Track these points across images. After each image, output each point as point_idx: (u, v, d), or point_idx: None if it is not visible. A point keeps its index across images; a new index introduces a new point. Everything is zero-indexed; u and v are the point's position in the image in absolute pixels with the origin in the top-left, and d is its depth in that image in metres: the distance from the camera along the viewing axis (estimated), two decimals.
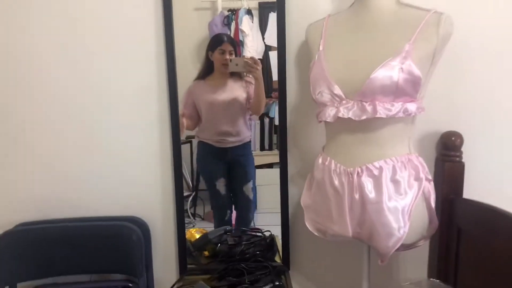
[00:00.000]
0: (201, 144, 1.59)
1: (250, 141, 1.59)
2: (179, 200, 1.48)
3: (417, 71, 1.01)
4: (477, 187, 1.35)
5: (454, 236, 1.32)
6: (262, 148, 1.63)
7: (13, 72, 1.44)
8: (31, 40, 1.42)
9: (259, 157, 1.62)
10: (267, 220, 1.59)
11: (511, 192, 1.39)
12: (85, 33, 1.42)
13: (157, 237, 1.51)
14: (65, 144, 1.47)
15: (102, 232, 1.42)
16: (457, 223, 1.31)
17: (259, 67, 1.44)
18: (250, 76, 1.49)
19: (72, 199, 1.49)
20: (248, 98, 1.52)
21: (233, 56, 1.49)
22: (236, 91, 1.53)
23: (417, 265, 1.45)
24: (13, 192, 1.50)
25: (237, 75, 1.53)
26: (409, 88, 1.02)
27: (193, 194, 1.67)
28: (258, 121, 1.61)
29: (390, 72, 1.01)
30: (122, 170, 1.49)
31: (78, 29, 1.41)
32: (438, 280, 1.26)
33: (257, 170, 1.63)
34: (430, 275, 1.42)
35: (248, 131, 1.57)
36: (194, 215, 1.69)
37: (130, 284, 1.44)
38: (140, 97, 1.45)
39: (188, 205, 1.66)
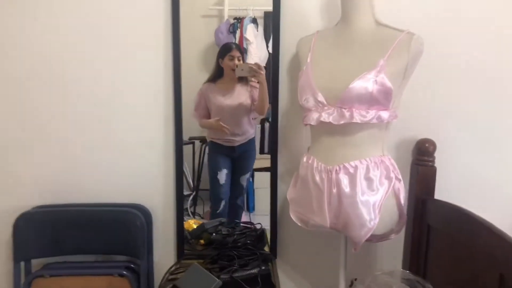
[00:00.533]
0: (212, 143, 1.68)
1: (254, 137, 1.66)
2: (179, 191, 1.57)
3: (389, 84, 1.13)
4: (447, 189, 1.45)
5: (425, 232, 1.42)
6: (261, 151, 1.66)
7: (33, 70, 1.52)
8: (51, 43, 1.51)
9: (258, 161, 1.66)
10: (264, 223, 1.61)
11: (477, 194, 1.50)
12: (98, 37, 1.50)
13: (158, 224, 1.59)
14: (80, 138, 1.56)
15: (109, 217, 1.51)
16: (428, 221, 1.41)
17: (263, 72, 1.52)
18: (255, 80, 1.56)
19: (84, 187, 1.58)
20: (252, 101, 1.61)
21: (241, 62, 1.58)
22: (242, 95, 1.61)
23: (393, 258, 1.56)
24: (32, 178, 1.58)
25: (244, 81, 1.60)
26: (382, 98, 1.15)
27: (194, 193, 1.72)
28: (259, 125, 1.66)
29: (365, 83, 1.13)
30: (130, 163, 1.57)
31: (94, 33, 1.50)
32: (408, 271, 1.34)
33: (256, 173, 1.69)
34: (404, 267, 1.51)
35: (252, 129, 1.65)
36: (194, 213, 1.74)
37: (132, 265, 1.53)
38: (148, 98, 1.53)
39: (188, 204, 1.70)
